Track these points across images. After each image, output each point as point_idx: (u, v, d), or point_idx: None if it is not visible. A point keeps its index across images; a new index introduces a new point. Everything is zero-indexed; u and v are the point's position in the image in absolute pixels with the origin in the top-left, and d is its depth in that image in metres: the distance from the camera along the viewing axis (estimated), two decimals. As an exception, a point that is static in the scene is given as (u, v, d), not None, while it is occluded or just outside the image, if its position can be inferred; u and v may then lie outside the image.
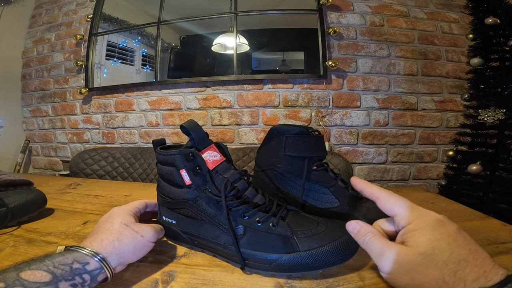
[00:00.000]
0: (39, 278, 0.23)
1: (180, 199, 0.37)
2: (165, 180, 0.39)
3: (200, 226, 0.36)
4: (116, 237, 0.30)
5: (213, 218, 0.34)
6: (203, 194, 0.34)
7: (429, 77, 1.49)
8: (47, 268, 0.24)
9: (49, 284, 0.23)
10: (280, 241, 0.31)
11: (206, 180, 0.34)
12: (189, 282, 0.30)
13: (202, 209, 0.35)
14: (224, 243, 0.34)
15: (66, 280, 0.24)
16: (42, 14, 1.95)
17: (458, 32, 1.52)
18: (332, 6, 1.51)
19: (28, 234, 0.43)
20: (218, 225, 0.34)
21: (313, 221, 0.34)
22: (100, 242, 0.29)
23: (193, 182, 0.35)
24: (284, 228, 0.32)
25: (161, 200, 0.40)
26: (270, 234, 0.32)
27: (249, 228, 0.33)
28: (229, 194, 0.34)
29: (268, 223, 0.33)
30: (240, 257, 0.32)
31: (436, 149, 1.50)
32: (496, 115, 1.10)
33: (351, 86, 1.49)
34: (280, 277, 0.31)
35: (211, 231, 0.35)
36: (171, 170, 0.37)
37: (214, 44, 1.67)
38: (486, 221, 0.48)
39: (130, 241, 0.31)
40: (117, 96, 1.72)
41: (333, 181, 0.44)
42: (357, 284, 0.30)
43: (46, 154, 1.92)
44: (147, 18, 1.73)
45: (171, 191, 0.38)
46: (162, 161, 0.38)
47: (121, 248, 0.30)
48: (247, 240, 0.32)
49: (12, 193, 0.48)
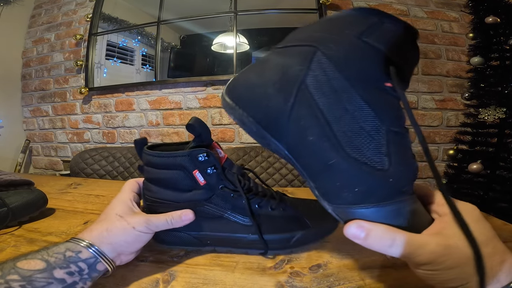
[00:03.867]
0: (33, 266, 0.24)
1: (185, 202, 0.34)
2: (163, 186, 0.35)
3: (214, 223, 0.36)
4: (106, 227, 0.30)
5: (231, 213, 0.35)
6: (219, 191, 0.35)
7: (429, 76, 1.49)
8: (41, 257, 0.25)
9: (44, 271, 0.23)
10: (294, 221, 0.37)
11: (221, 178, 0.34)
12: (190, 281, 0.30)
13: (218, 207, 0.35)
14: (243, 234, 0.35)
15: (61, 268, 0.24)
16: (42, 14, 1.95)
17: (458, 31, 1.52)
18: (332, 5, 1.51)
19: (29, 234, 0.43)
20: (236, 218, 0.35)
21: (309, 201, 0.41)
22: (90, 232, 0.29)
23: (208, 181, 0.34)
24: (293, 210, 0.38)
25: (151, 208, 0.36)
26: (283, 217, 0.37)
27: (263, 215, 0.36)
28: (244, 188, 0.36)
29: (279, 208, 0.37)
30: (264, 243, 0.35)
31: (436, 148, 1.50)
32: (496, 114, 1.10)
33: (351, 85, 1.49)
34: (281, 276, 0.31)
35: (228, 225, 0.36)
36: (177, 173, 0.34)
37: (214, 44, 1.67)
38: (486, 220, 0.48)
39: (121, 232, 0.30)
40: (117, 96, 1.72)
41: None
42: (358, 283, 0.30)
43: (46, 154, 1.92)
44: (147, 17, 1.73)
45: (173, 196, 0.35)
46: (161, 164, 0.34)
47: (110, 238, 0.29)
48: (265, 227, 0.35)
49: (13, 193, 0.48)
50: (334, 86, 0.23)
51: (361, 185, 0.22)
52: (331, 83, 0.24)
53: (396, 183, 0.23)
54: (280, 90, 0.25)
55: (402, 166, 0.23)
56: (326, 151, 0.23)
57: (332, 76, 0.24)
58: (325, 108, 0.23)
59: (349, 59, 0.24)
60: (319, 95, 0.24)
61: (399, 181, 0.23)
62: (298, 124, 0.24)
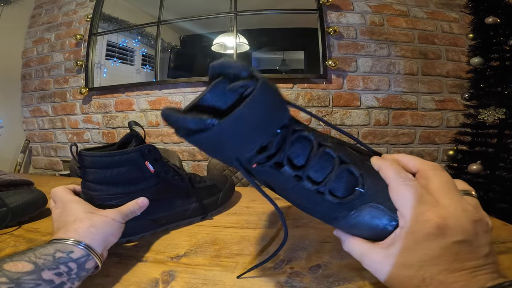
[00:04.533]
0: (20, 268, 0.23)
1: (139, 192, 0.39)
2: (113, 183, 0.38)
3: (164, 204, 0.43)
4: (89, 224, 0.30)
5: (180, 191, 0.44)
6: (164, 175, 0.41)
7: (429, 76, 1.49)
8: (28, 259, 0.24)
9: (32, 273, 0.23)
10: (214, 188, 0.50)
11: (164, 165, 0.42)
12: (189, 282, 0.30)
13: (166, 189, 0.42)
14: (187, 205, 0.45)
15: (50, 269, 0.24)
16: (42, 14, 1.95)
17: (458, 31, 1.52)
18: (332, 6, 1.51)
19: (28, 234, 0.43)
20: (180, 194, 0.44)
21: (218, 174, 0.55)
22: (76, 232, 0.29)
23: (156, 170, 0.41)
24: (210, 181, 0.50)
25: (101, 206, 0.37)
26: (208, 187, 0.49)
27: (196, 188, 0.46)
28: (179, 169, 0.45)
29: (202, 181, 0.49)
30: (204, 207, 0.46)
31: (436, 148, 1.50)
32: (496, 115, 1.10)
33: (351, 85, 1.49)
34: (280, 277, 0.31)
35: (175, 202, 0.44)
36: (128, 169, 0.39)
37: (214, 44, 1.67)
38: (486, 221, 0.48)
39: (105, 225, 0.31)
40: (117, 96, 1.72)
41: None
42: (358, 283, 0.30)
43: (46, 154, 1.92)
44: (147, 18, 1.73)
45: (126, 189, 0.39)
46: (111, 163, 0.38)
47: (98, 233, 0.30)
48: (200, 196, 0.46)
49: (13, 193, 0.48)
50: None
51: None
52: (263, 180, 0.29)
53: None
54: None
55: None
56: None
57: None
58: (273, 183, 0.28)
59: None
60: None
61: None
62: None
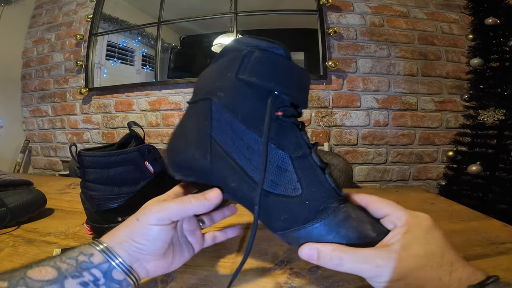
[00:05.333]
0: (43, 276, 0.20)
1: (139, 191, 0.39)
2: (113, 183, 0.38)
3: None
4: (118, 228, 0.25)
5: None
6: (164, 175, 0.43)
7: (429, 77, 1.49)
8: (54, 263, 0.21)
9: (54, 282, 0.20)
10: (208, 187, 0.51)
11: (163, 165, 0.42)
12: (188, 282, 0.30)
13: (166, 189, 0.46)
14: None
15: (73, 277, 0.21)
16: (42, 14, 1.95)
17: (458, 32, 1.52)
18: (332, 7, 1.51)
19: (27, 234, 0.43)
20: None
21: None
22: (105, 236, 0.25)
23: (155, 170, 0.41)
24: None
25: (102, 206, 0.38)
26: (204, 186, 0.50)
27: None
28: None
29: None
30: None
31: (436, 149, 1.50)
32: (496, 116, 1.10)
33: (351, 86, 1.49)
34: (280, 277, 0.31)
35: None
36: (128, 169, 0.39)
37: (214, 44, 1.67)
38: (486, 222, 0.48)
39: (124, 226, 0.25)
40: (117, 96, 1.72)
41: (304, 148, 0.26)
42: (357, 284, 0.30)
43: (45, 154, 1.92)
44: (147, 18, 1.73)
45: (122, 190, 0.39)
46: (111, 163, 0.37)
47: (119, 237, 0.24)
48: None
49: (12, 193, 0.48)
50: (235, 131, 0.25)
51: (285, 213, 0.24)
52: (232, 129, 0.25)
53: (312, 203, 0.24)
54: (199, 148, 0.26)
55: (314, 187, 0.24)
56: (249, 193, 0.25)
57: (230, 122, 0.25)
58: (235, 154, 0.25)
59: (236, 102, 0.25)
60: (226, 143, 0.25)
61: (315, 202, 0.24)
62: (220, 175, 0.26)
